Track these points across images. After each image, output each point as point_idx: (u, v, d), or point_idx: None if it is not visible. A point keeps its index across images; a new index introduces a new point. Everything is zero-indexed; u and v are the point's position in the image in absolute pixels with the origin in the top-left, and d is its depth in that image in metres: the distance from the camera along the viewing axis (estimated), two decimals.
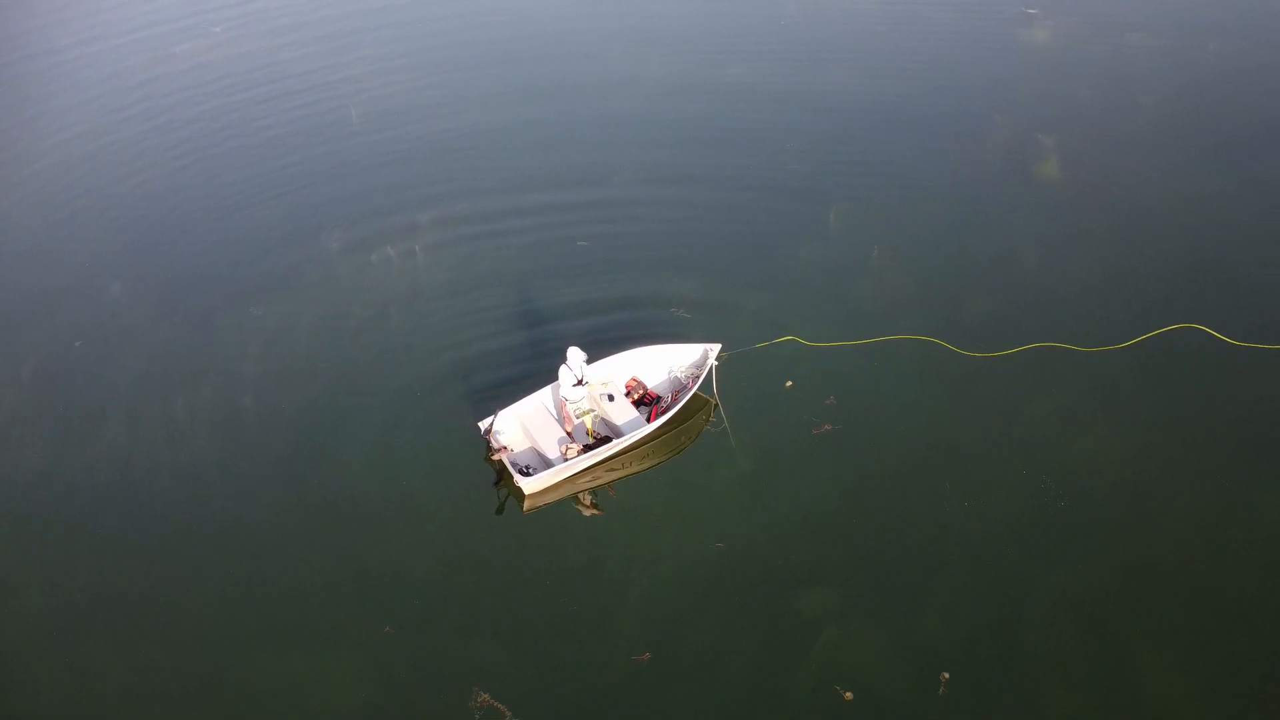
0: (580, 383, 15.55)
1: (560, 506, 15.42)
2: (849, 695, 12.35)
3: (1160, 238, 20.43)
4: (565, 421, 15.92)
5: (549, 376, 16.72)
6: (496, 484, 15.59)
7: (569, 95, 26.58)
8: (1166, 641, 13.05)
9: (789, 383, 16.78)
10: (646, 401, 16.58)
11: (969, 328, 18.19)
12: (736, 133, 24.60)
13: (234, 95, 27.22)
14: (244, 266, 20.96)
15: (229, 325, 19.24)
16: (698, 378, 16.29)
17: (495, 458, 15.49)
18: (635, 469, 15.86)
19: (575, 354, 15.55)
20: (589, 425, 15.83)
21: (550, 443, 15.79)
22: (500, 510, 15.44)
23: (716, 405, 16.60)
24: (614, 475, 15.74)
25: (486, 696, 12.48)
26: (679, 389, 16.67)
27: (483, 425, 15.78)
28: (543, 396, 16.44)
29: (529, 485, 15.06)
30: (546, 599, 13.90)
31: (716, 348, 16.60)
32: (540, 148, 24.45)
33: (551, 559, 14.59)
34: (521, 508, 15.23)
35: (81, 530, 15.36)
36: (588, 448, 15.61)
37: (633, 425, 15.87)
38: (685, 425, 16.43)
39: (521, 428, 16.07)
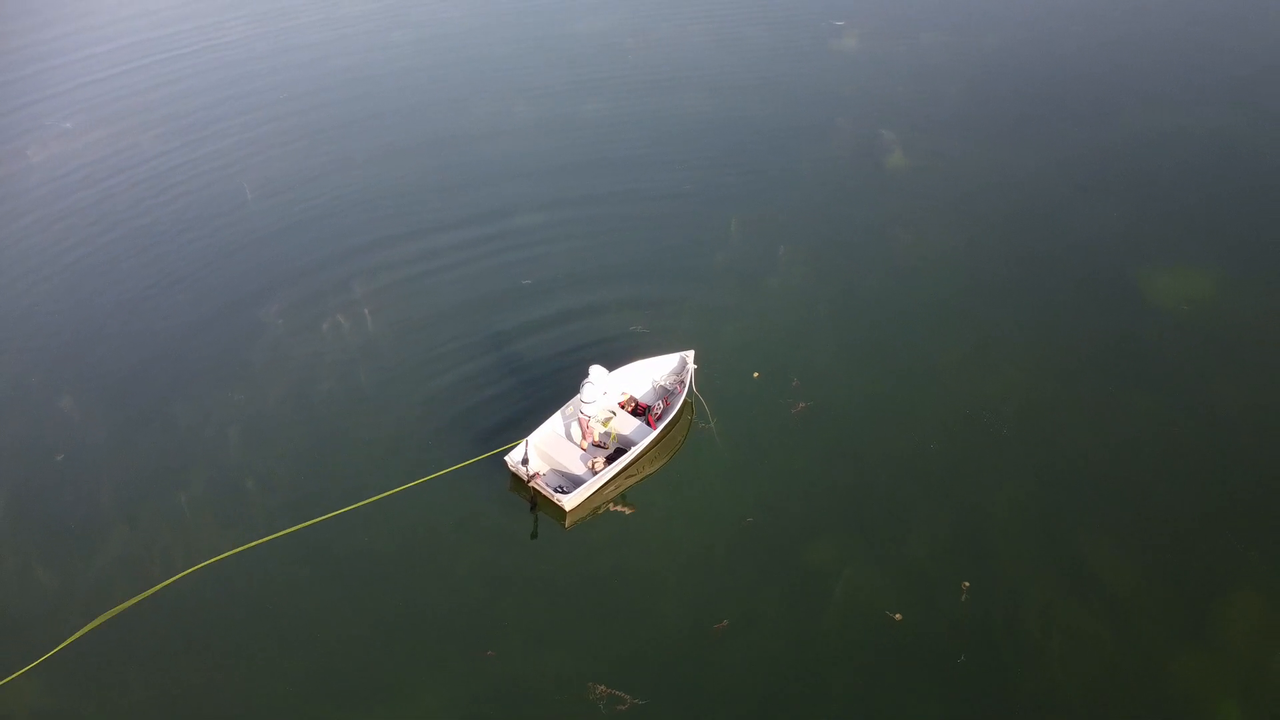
0: (606, 394, 17.40)
1: (595, 516, 17.04)
2: (898, 616, 14.91)
3: (996, 205, 24.58)
4: (585, 436, 17.62)
5: (543, 401, 18.38)
6: (534, 509, 16.99)
7: (449, 144, 27.84)
8: (1097, 519, 16.54)
9: (756, 374, 19.24)
10: (639, 412, 18.46)
11: (870, 301, 21.45)
12: (613, 157, 26.92)
13: (104, 185, 26.37)
14: (186, 352, 20.84)
15: (196, 418, 19.19)
16: (683, 382, 18.39)
17: (531, 485, 16.89)
18: (648, 470, 17.70)
19: (599, 371, 17.41)
20: (613, 433, 17.62)
21: (572, 461, 17.36)
22: (535, 535, 16.86)
23: (701, 403, 18.75)
24: (631, 480, 17.53)
25: (603, 688, 14.03)
26: (666, 395, 18.69)
27: (512, 459, 17.12)
28: (553, 423, 17.96)
29: (570, 502, 16.60)
30: (616, 595, 15.54)
31: (691, 354, 18.74)
32: (441, 192, 25.71)
33: (601, 561, 16.20)
34: (564, 524, 16.75)
35: (129, 651, 15.32)
36: (609, 459, 17.38)
37: (640, 433, 17.75)
38: (678, 425, 18.46)
39: (541, 454, 17.51)
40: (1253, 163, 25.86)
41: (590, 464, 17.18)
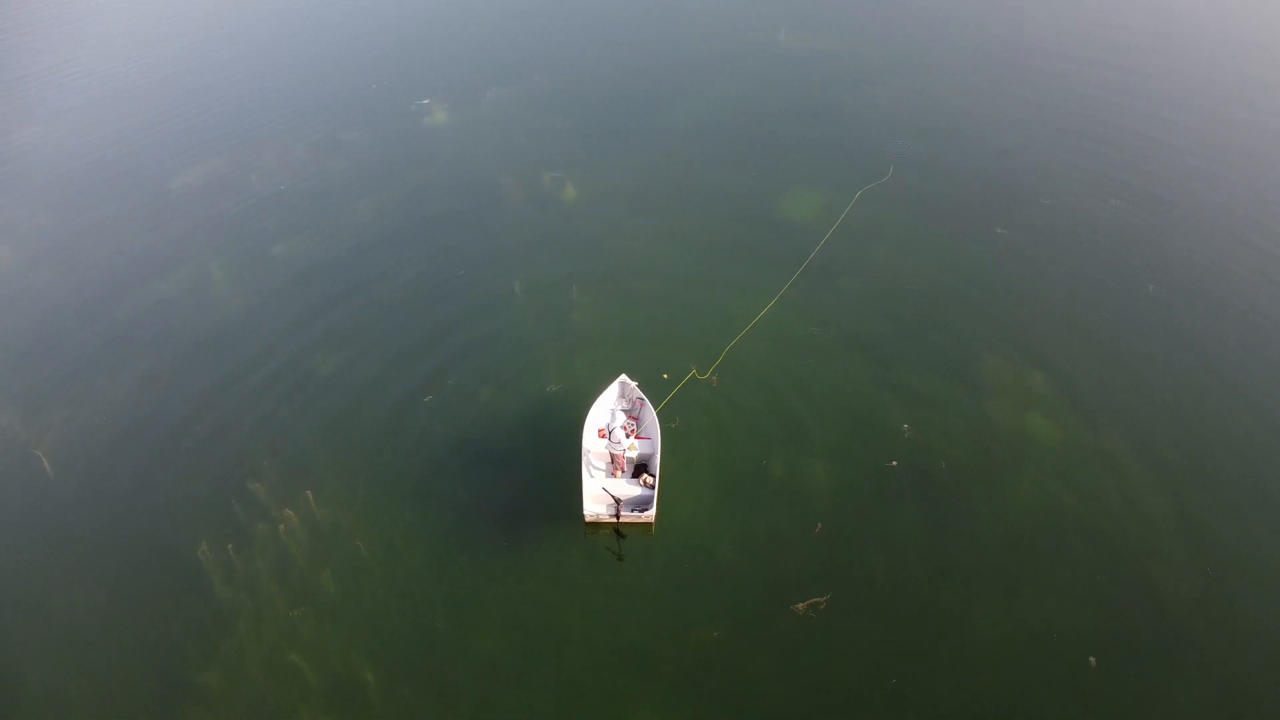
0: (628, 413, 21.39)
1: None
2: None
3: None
4: (620, 467, 21.27)
5: (550, 469, 21.53)
6: (621, 536, 20.41)
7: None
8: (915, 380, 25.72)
9: (665, 375, 24.41)
10: (627, 432, 22.43)
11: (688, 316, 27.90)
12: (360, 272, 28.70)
13: None
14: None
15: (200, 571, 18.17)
16: (642, 400, 22.88)
17: (621, 520, 20.10)
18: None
19: (620, 417, 21.17)
20: (636, 454, 21.47)
21: (622, 488, 20.89)
22: (620, 557, 20.38)
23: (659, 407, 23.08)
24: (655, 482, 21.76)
25: (806, 605, 18.98)
26: (631, 414, 22.94)
27: (592, 511, 20.06)
28: (592, 471, 21.14)
29: (651, 514, 20.28)
30: (721, 556, 20.06)
31: (623, 377, 23.20)
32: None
33: (695, 538, 20.28)
34: (651, 530, 20.43)
35: None
36: (637, 472, 21.28)
37: (646, 446, 21.97)
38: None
39: (604, 496, 20.53)
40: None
41: (644, 480, 20.88)
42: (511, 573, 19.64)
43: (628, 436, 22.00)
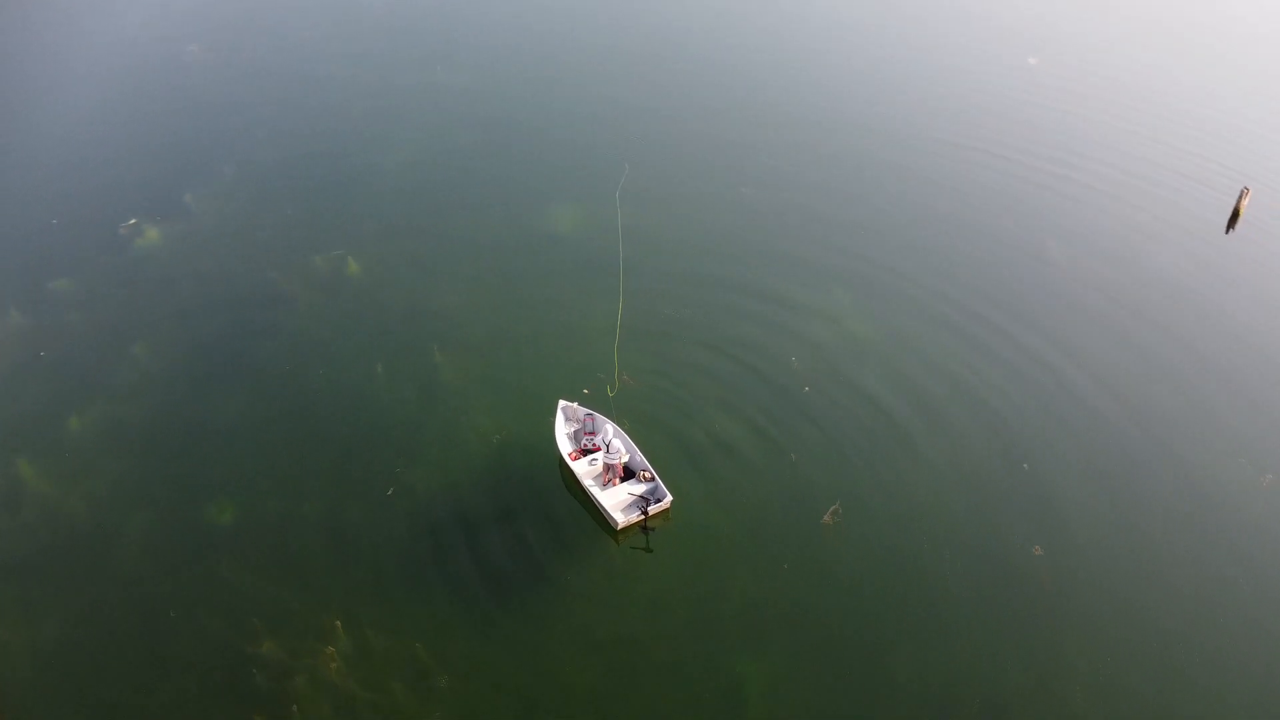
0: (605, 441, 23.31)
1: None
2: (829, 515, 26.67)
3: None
4: (615, 476, 23.27)
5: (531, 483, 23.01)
6: (649, 530, 22.56)
7: None
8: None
9: (585, 390, 26.40)
10: (594, 450, 24.41)
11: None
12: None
13: None
14: None
15: None
16: (590, 415, 24.81)
17: (649, 515, 22.36)
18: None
19: (570, 408, 23.59)
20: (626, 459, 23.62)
21: (632, 488, 23.07)
22: (649, 549, 22.71)
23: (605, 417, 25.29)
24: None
25: (829, 513, 22.78)
26: (587, 430, 24.79)
27: (627, 517, 22.18)
28: (600, 484, 23.15)
29: (669, 499, 22.74)
30: (745, 519, 23.37)
31: (561, 402, 24.99)
32: None
33: (712, 512, 23.28)
34: (668, 516, 22.94)
35: None
36: (626, 470, 23.73)
37: (621, 447, 24.04)
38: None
39: (624, 503, 22.69)
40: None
41: (642, 474, 23.29)
42: (564, 606, 21.21)
43: (593, 451, 24.11)
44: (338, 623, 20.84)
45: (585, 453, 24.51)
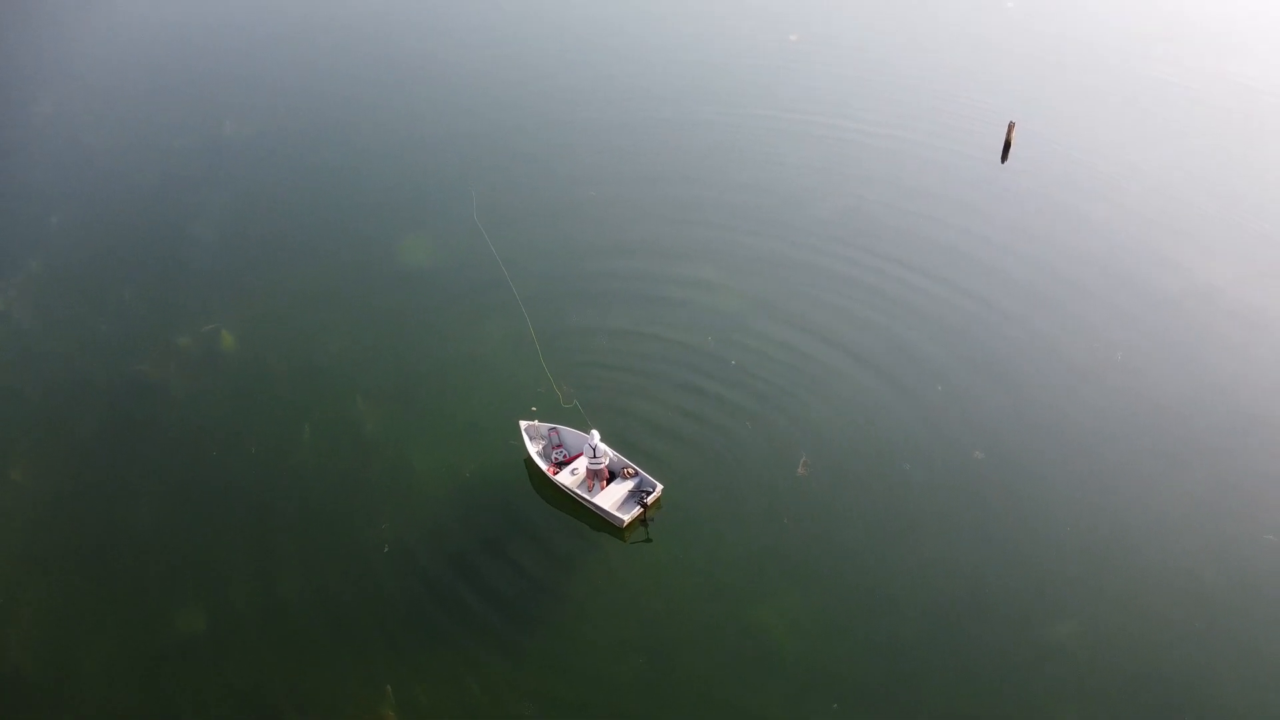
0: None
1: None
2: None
3: None
4: (602, 479, 24.29)
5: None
6: (647, 523, 23.74)
7: None
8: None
9: (534, 408, 26.88)
10: (567, 462, 25.22)
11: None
12: None
13: None
14: None
15: None
16: (554, 428, 25.45)
17: (649, 507, 23.56)
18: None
19: (533, 426, 24.80)
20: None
21: (621, 486, 24.16)
22: (649, 539, 23.95)
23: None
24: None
25: (801, 465, 24.94)
26: (553, 430, 25.63)
27: (630, 515, 23.31)
28: (594, 488, 24.28)
29: (660, 487, 24.00)
30: (738, 496, 25.07)
31: (521, 423, 25.47)
32: None
33: (702, 483, 24.85)
34: (660, 507, 24.23)
35: None
36: (611, 469, 24.81)
37: (608, 450, 24.89)
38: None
39: (622, 500, 23.85)
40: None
41: (625, 470, 24.46)
42: (581, 611, 22.22)
43: (567, 462, 25.01)
44: (389, 688, 20.44)
45: (560, 465, 25.18)
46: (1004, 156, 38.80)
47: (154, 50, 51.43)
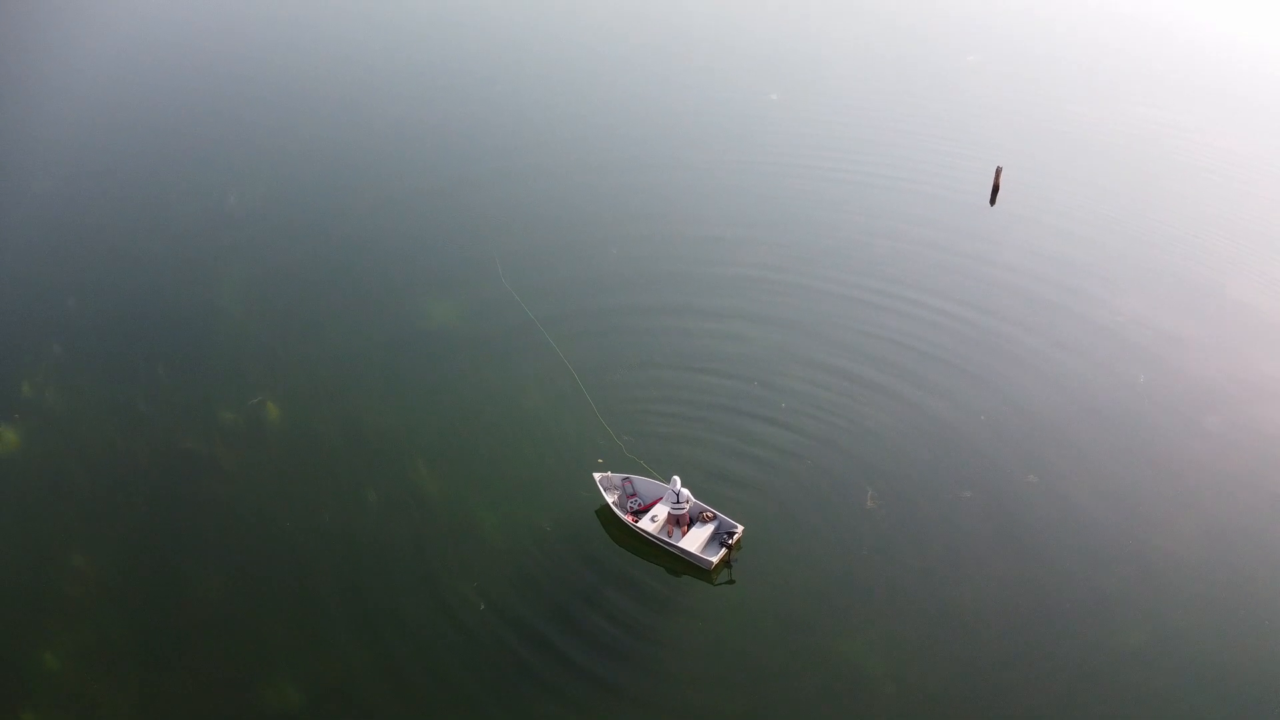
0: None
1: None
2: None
3: None
4: (684, 524, 25.12)
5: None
6: (732, 562, 24.50)
7: None
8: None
9: (600, 459, 27.44)
10: (643, 510, 25.85)
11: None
12: None
13: None
14: None
15: None
16: (627, 478, 26.11)
17: (731, 551, 24.27)
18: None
19: (608, 477, 25.64)
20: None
21: (703, 530, 24.84)
22: (732, 581, 24.67)
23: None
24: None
25: (869, 498, 25.97)
26: (631, 494, 26.19)
27: (716, 546, 24.29)
28: (677, 535, 24.88)
29: (740, 527, 24.78)
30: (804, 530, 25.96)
31: (595, 476, 26.11)
32: None
33: (774, 519, 25.75)
34: (741, 547, 24.98)
35: None
36: (692, 515, 25.53)
37: (689, 494, 25.64)
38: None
39: (706, 542, 24.57)
40: None
41: (705, 514, 25.17)
42: (679, 654, 22.91)
43: (643, 510, 25.70)
44: None
45: (638, 514, 25.79)
46: (992, 199, 41.11)
47: (153, 117, 51.19)
